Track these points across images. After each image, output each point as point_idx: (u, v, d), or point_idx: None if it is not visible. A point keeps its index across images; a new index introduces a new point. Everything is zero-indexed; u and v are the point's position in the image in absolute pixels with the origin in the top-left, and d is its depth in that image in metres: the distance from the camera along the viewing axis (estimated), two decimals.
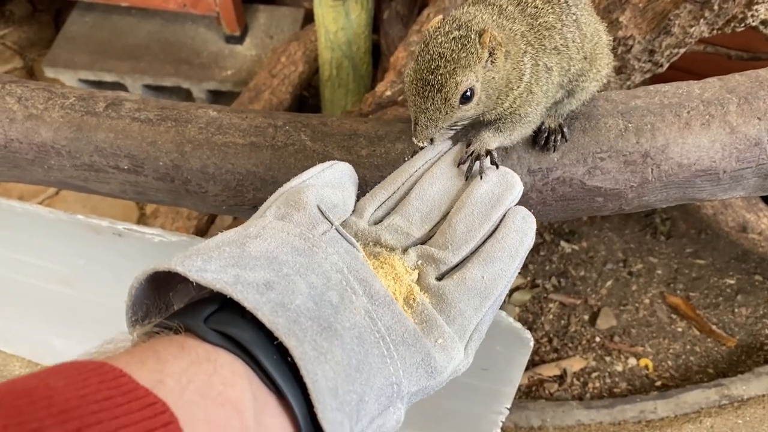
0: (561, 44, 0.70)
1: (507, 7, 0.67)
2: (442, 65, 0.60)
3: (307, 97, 2.49)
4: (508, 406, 1.14)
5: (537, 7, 0.68)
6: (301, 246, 0.53)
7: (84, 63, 2.31)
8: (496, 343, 1.00)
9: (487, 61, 0.62)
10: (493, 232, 0.62)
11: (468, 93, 0.62)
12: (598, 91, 0.83)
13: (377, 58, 2.21)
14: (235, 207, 0.89)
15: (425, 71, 0.61)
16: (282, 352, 0.45)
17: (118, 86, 2.35)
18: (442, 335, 0.55)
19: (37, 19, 2.78)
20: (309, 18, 2.27)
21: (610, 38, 0.80)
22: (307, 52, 2.11)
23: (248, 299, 0.45)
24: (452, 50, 0.60)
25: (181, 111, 0.90)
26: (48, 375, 0.36)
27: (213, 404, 0.39)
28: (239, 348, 0.44)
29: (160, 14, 2.44)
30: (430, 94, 0.61)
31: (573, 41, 0.71)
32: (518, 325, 0.96)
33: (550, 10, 0.69)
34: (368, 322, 0.51)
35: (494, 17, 0.65)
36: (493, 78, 0.64)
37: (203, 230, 1.89)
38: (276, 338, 0.45)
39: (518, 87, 0.67)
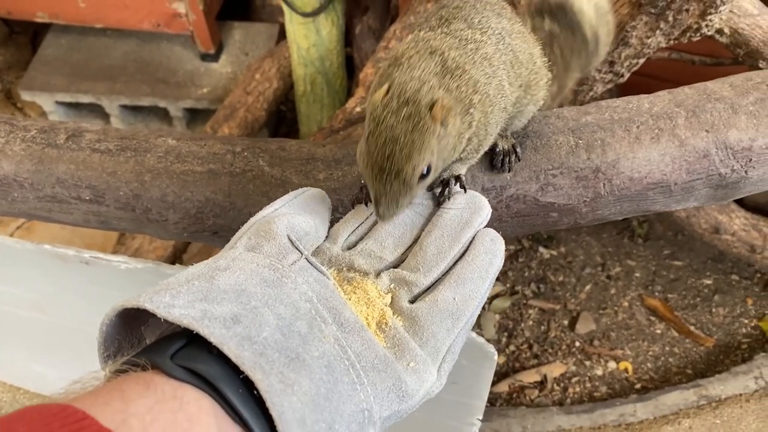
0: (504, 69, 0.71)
1: (449, 53, 0.64)
2: (397, 151, 0.58)
3: (284, 112, 2.51)
4: (480, 417, 1.15)
5: (476, 41, 0.68)
6: (270, 277, 0.53)
7: (60, 85, 2.32)
8: (462, 358, 1.01)
9: (439, 132, 0.61)
10: (464, 254, 0.63)
11: (425, 171, 0.61)
12: (539, 109, 0.85)
13: (352, 71, 2.22)
14: (196, 234, 0.90)
15: (379, 157, 0.59)
16: (249, 385, 0.46)
17: (95, 107, 2.36)
18: (414, 358, 0.55)
19: (14, 41, 2.78)
20: (284, 34, 2.28)
21: (545, 59, 0.81)
22: (282, 69, 2.12)
23: (214, 334, 0.46)
24: (405, 132, 0.58)
25: (141, 140, 0.91)
26: (10, 421, 0.37)
27: None
28: (206, 383, 0.45)
29: (135, 34, 2.45)
30: (387, 179, 0.59)
31: (512, 66, 0.72)
32: (482, 340, 0.97)
33: (488, 41, 0.69)
34: (338, 350, 0.51)
35: (439, 74, 0.62)
36: (448, 141, 0.63)
37: (182, 249, 1.90)
38: (243, 372, 0.46)
39: (469, 131, 0.67)
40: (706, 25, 1.19)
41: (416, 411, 1.22)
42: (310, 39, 1.91)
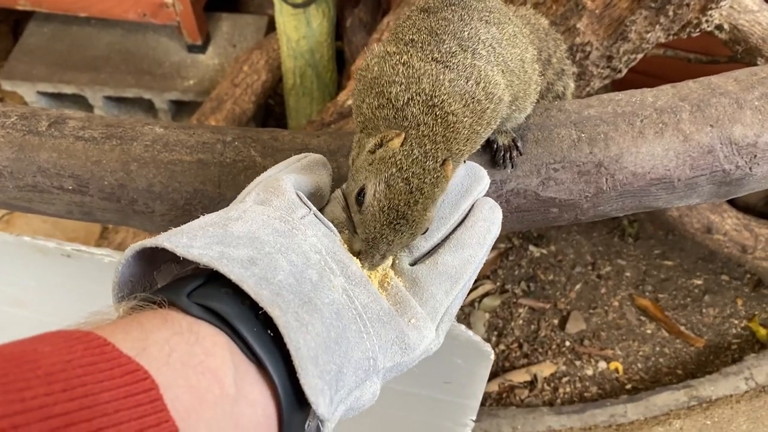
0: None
1: (448, 104, 0.60)
2: (421, 201, 0.58)
3: (272, 105, 2.47)
4: (473, 418, 1.13)
5: (469, 67, 0.64)
6: (281, 228, 0.55)
7: (42, 75, 2.26)
8: (456, 357, 0.99)
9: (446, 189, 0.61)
10: (463, 220, 0.65)
11: (429, 227, 0.62)
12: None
13: (342, 65, 2.19)
14: None
15: (402, 203, 0.57)
16: (263, 326, 0.47)
17: (78, 98, 2.31)
18: (415, 315, 0.57)
19: None
20: (272, 26, 2.25)
21: (537, 65, 0.77)
22: (270, 61, 2.09)
23: (234, 272, 0.47)
24: (428, 184, 0.58)
25: (127, 129, 0.88)
26: (35, 342, 0.37)
27: (194, 372, 0.41)
28: (221, 321, 0.46)
29: (120, 24, 2.40)
30: (401, 227, 0.58)
31: (504, 74, 0.68)
32: (478, 338, 0.94)
33: (479, 63, 0.64)
34: (346, 299, 0.53)
35: (440, 133, 0.59)
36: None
37: None
38: (257, 314, 0.47)
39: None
40: (706, 21, 1.17)
41: (410, 411, 1.20)
42: (300, 31, 1.88)
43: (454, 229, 0.64)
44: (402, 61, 0.63)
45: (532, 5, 1.25)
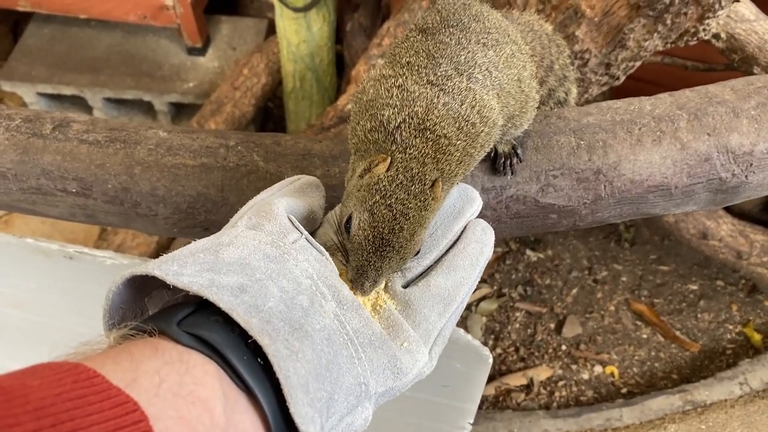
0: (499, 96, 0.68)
1: (441, 127, 0.61)
2: (406, 227, 0.59)
3: (271, 108, 2.48)
4: (471, 421, 1.13)
5: (463, 90, 0.64)
6: (272, 253, 0.55)
7: (42, 76, 2.26)
8: (455, 360, 1.00)
9: (436, 209, 0.62)
10: (456, 242, 0.65)
11: (420, 249, 0.62)
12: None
13: (341, 69, 2.20)
14: (187, 229, 0.87)
15: (386, 230, 0.58)
16: (252, 354, 0.47)
17: (78, 99, 2.31)
18: (408, 339, 0.57)
19: None
20: (272, 29, 2.26)
21: (534, 81, 0.77)
22: (270, 64, 2.10)
23: (223, 300, 0.48)
24: (414, 208, 0.59)
25: (131, 132, 0.88)
26: (24, 375, 0.37)
27: (184, 402, 0.41)
28: (211, 349, 0.46)
29: (120, 26, 2.41)
30: (388, 254, 0.59)
31: (499, 98, 0.69)
32: (477, 342, 0.95)
33: (474, 87, 0.65)
34: (337, 325, 0.53)
35: (431, 155, 0.60)
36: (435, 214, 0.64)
37: (165, 246, 1.86)
38: (247, 342, 0.47)
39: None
40: (704, 29, 1.19)
41: (408, 415, 1.20)
42: (300, 35, 1.89)
43: (447, 251, 0.64)
44: (397, 84, 0.63)
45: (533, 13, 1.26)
